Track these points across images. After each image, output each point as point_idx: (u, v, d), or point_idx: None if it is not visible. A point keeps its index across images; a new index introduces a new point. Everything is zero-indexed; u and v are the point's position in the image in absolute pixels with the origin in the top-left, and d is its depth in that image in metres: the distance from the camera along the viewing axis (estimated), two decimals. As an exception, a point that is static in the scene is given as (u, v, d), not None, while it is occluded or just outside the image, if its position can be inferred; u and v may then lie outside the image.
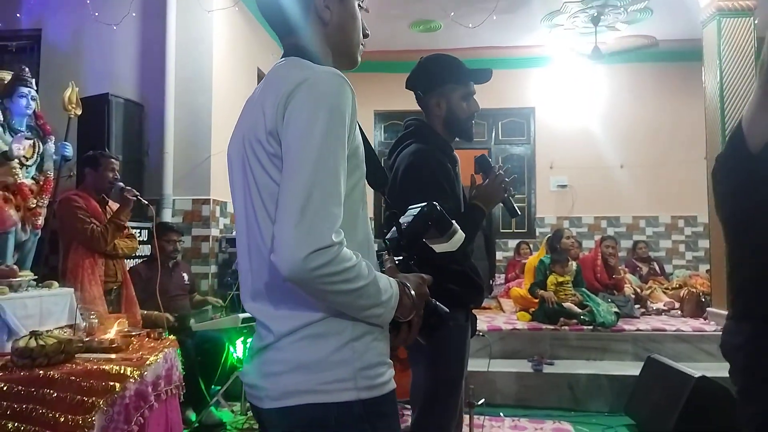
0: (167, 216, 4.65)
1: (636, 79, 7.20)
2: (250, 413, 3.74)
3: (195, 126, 4.90)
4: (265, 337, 1.04)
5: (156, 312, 3.38)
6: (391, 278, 1.03)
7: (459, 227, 1.28)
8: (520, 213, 2.30)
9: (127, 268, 3.59)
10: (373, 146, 1.17)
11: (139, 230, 4.60)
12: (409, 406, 3.83)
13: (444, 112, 2.03)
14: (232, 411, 3.81)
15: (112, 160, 3.44)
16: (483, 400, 3.08)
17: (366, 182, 1.10)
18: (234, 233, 5.36)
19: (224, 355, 3.74)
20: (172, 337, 2.71)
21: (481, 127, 7.46)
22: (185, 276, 4.09)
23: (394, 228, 1.25)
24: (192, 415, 3.40)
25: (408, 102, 2.30)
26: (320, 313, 0.99)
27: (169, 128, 4.75)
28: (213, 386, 3.72)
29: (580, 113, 7.20)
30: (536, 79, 7.41)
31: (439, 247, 1.27)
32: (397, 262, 1.16)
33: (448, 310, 1.13)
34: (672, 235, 7.30)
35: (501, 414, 3.51)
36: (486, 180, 1.96)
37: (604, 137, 7.19)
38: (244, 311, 4.02)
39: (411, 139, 2.05)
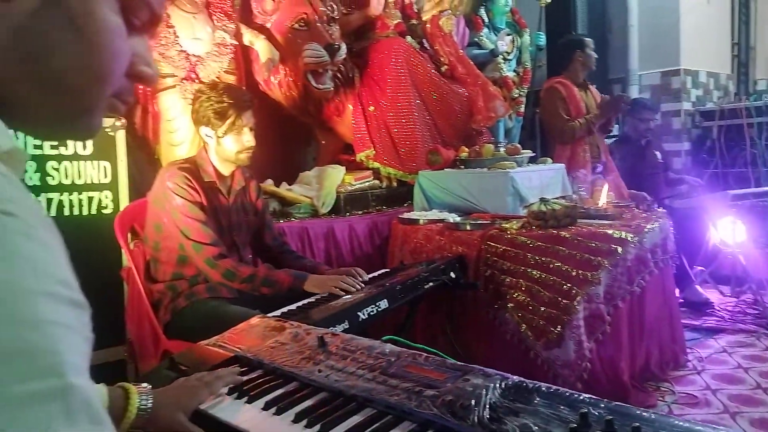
0: (634, 93, 4.52)
1: None
2: (742, 297, 3.45)
3: (659, -10, 4.49)
4: None
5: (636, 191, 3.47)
6: None
7: None
8: None
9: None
10: None
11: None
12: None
13: None
14: (721, 292, 3.58)
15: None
16: None
17: None
18: (709, 105, 4.84)
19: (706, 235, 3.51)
20: (661, 209, 2.68)
21: None
22: (657, 154, 3.93)
23: None
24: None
25: None
26: None
27: (633, -1, 4.50)
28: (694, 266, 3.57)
29: None
30: None
31: None
32: None
33: None
34: None
35: None
36: None
37: None
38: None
39: None
